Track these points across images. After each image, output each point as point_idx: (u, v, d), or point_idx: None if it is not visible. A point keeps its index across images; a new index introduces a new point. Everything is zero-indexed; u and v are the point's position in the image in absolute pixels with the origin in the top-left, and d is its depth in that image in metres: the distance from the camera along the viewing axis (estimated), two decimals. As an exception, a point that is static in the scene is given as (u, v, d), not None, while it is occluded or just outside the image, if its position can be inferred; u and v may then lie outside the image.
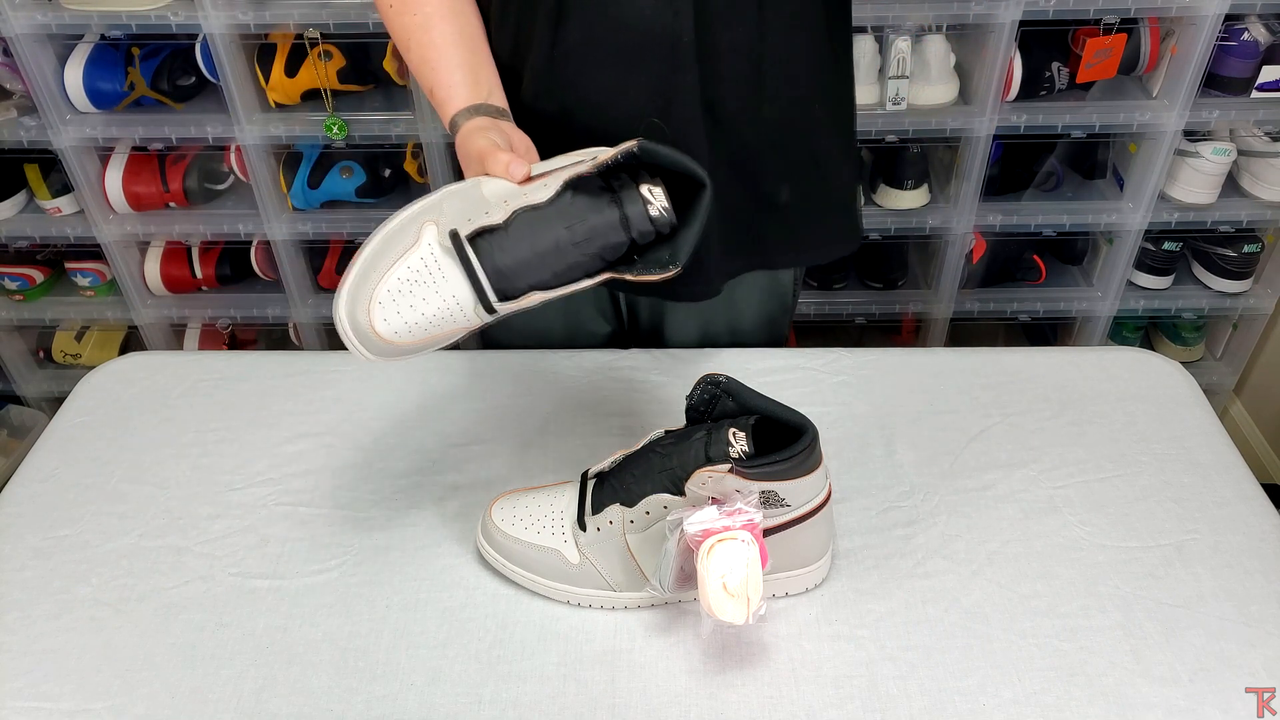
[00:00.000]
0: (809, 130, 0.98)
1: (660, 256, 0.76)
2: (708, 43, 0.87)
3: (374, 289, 0.72)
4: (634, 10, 0.85)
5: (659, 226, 0.75)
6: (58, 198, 1.83)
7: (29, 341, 2.08)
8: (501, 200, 0.75)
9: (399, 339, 0.73)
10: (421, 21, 0.89)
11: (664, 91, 0.89)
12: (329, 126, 1.66)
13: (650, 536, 0.80)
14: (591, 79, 0.90)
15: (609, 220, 0.75)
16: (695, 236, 0.76)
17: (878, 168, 1.82)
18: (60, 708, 0.78)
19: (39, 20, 1.57)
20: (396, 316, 0.73)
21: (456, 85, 0.87)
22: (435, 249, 0.73)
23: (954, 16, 1.59)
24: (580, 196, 0.75)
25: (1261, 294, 1.91)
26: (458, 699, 0.78)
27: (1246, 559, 0.88)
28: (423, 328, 0.74)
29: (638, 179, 0.76)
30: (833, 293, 1.96)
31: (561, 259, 0.75)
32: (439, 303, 0.73)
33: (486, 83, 0.89)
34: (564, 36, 0.88)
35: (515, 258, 0.74)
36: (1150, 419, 1.03)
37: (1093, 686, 0.78)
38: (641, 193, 0.75)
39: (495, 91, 0.89)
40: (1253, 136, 1.76)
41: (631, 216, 0.75)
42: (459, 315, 0.75)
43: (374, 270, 0.73)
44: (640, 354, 1.12)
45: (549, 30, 0.89)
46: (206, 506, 0.95)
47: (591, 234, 0.75)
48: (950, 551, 0.89)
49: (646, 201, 0.74)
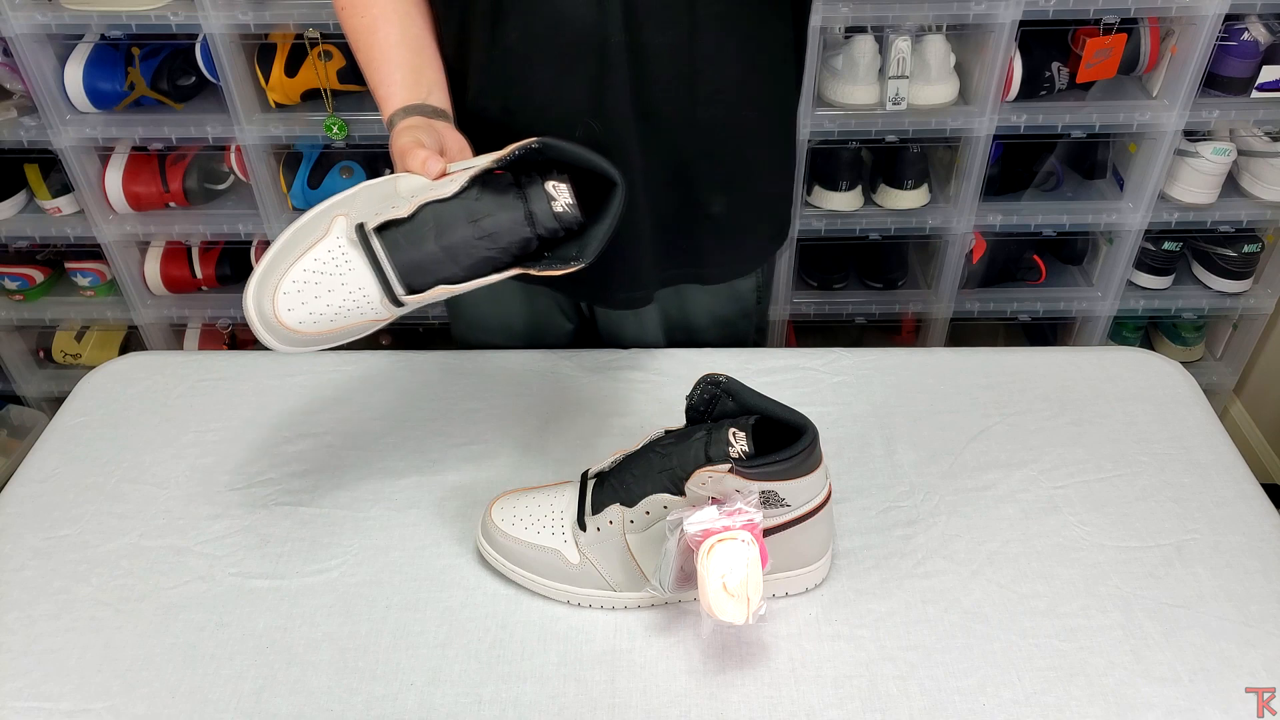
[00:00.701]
0: (744, 137, 0.98)
1: (568, 253, 0.77)
2: (639, 43, 0.88)
3: (280, 279, 0.74)
4: (566, 10, 0.86)
5: (563, 223, 0.77)
6: (58, 198, 1.83)
7: (29, 341, 2.08)
8: (412, 193, 0.76)
9: (304, 328, 0.74)
10: (369, 24, 0.91)
11: (597, 92, 0.90)
12: (329, 126, 1.66)
13: (650, 536, 0.80)
14: (530, 78, 0.91)
15: (514, 216, 0.76)
16: (605, 233, 0.77)
17: (878, 168, 1.82)
18: (60, 708, 0.78)
19: (39, 20, 1.57)
20: (301, 306, 0.74)
21: (396, 85, 0.89)
22: (343, 241, 0.75)
23: (954, 16, 1.59)
24: (486, 192, 0.76)
25: (1261, 294, 1.91)
26: (458, 699, 0.78)
27: (1246, 559, 0.88)
28: (328, 318, 0.75)
29: (547, 176, 0.77)
30: (833, 293, 1.96)
31: (466, 253, 0.76)
32: (345, 294, 0.74)
33: (427, 83, 0.90)
34: (502, 36, 0.89)
35: (421, 251, 0.75)
36: (1150, 419, 1.03)
37: (1093, 686, 0.78)
38: (546, 189, 0.76)
39: (436, 91, 0.91)
40: (1253, 136, 1.76)
41: (536, 213, 0.76)
42: (366, 307, 0.76)
43: (283, 261, 0.74)
44: (640, 354, 1.12)
45: (487, 30, 0.90)
46: (206, 506, 0.95)
47: (496, 228, 0.76)
48: (950, 551, 0.89)
49: (551, 198, 0.76)
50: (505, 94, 0.94)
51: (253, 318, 0.74)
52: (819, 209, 1.81)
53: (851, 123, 1.68)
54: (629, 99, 0.91)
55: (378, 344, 2.08)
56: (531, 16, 0.88)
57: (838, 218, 1.81)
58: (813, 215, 1.81)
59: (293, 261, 0.74)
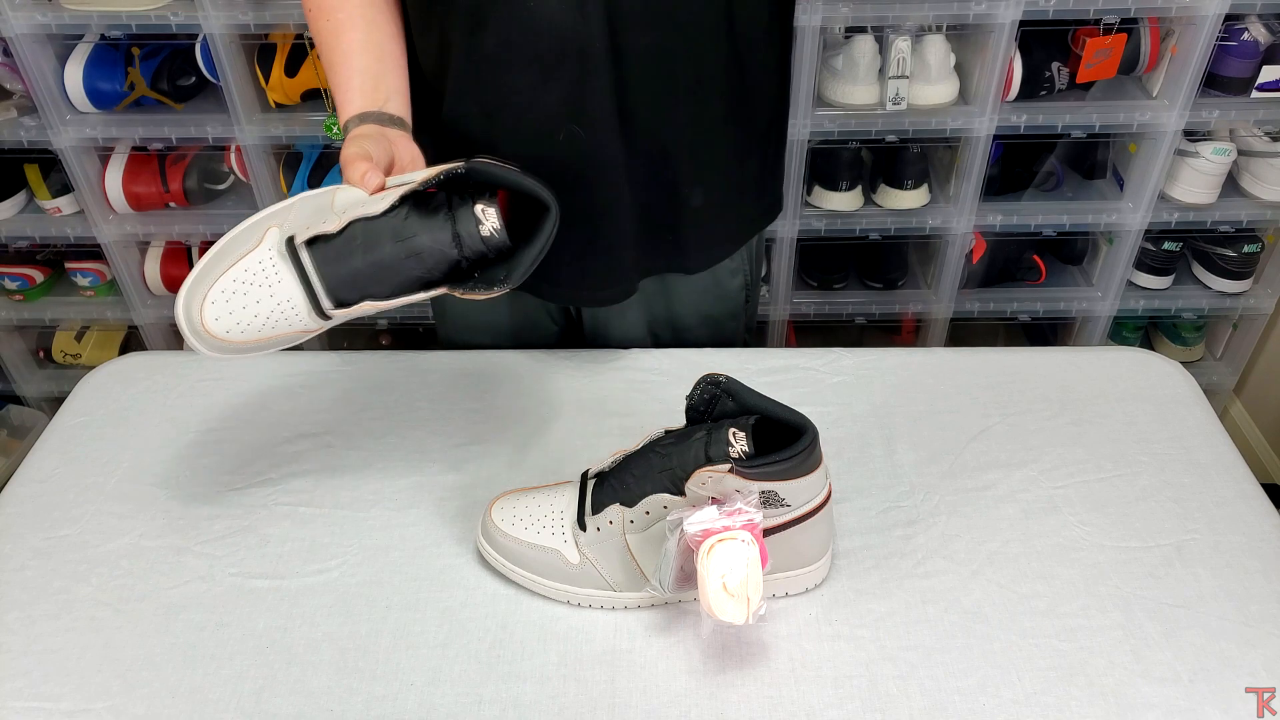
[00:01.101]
0: (726, 125, 0.99)
1: (498, 274, 0.78)
2: (619, 46, 0.88)
3: (209, 288, 0.75)
4: (546, 16, 0.86)
5: (490, 246, 0.77)
6: (58, 198, 1.83)
7: (29, 341, 2.08)
8: (343, 209, 0.77)
9: (230, 337, 0.76)
10: (333, 28, 0.91)
11: (578, 95, 0.91)
12: (329, 126, 1.66)
13: (650, 536, 0.80)
14: (509, 83, 0.91)
15: (440, 237, 0.76)
16: (533, 258, 0.77)
17: (878, 168, 1.82)
18: (60, 708, 0.78)
19: (39, 20, 1.57)
20: (229, 316, 0.75)
21: (353, 91, 0.89)
22: (273, 253, 0.76)
23: (954, 16, 1.59)
24: (415, 211, 0.77)
25: (1261, 294, 1.91)
26: (458, 699, 0.78)
27: (1246, 559, 0.88)
28: (255, 328, 0.76)
29: (479, 197, 0.77)
30: (833, 293, 1.96)
31: (393, 270, 0.77)
32: (272, 305, 0.76)
33: (386, 89, 0.90)
34: (481, 42, 0.90)
35: (348, 267, 0.76)
36: (1150, 419, 1.03)
37: (1093, 686, 0.78)
38: (475, 212, 0.76)
39: (394, 99, 0.91)
40: (1253, 136, 1.76)
41: (463, 235, 0.76)
42: (294, 318, 0.77)
43: (214, 270, 0.76)
44: (640, 354, 1.12)
45: (467, 36, 0.90)
46: (206, 506, 0.95)
47: (422, 248, 0.76)
48: (950, 551, 0.89)
49: (479, 221, 0.76)
50: (484, 100, 0.94)
51: (181, 325, 0.76)
52: (819, 209, 1.81)
53: (851, 123, 1.68)
54: (610, 101, 0.91)
55: (378, 344, 2.08)
56: (511, 24, 0.88)
57: (838, 218, 1.80)
58: (813, 215, 1.81)
59: (223, 271, 0.76)
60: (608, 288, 1.06)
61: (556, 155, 0.93)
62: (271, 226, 0.77)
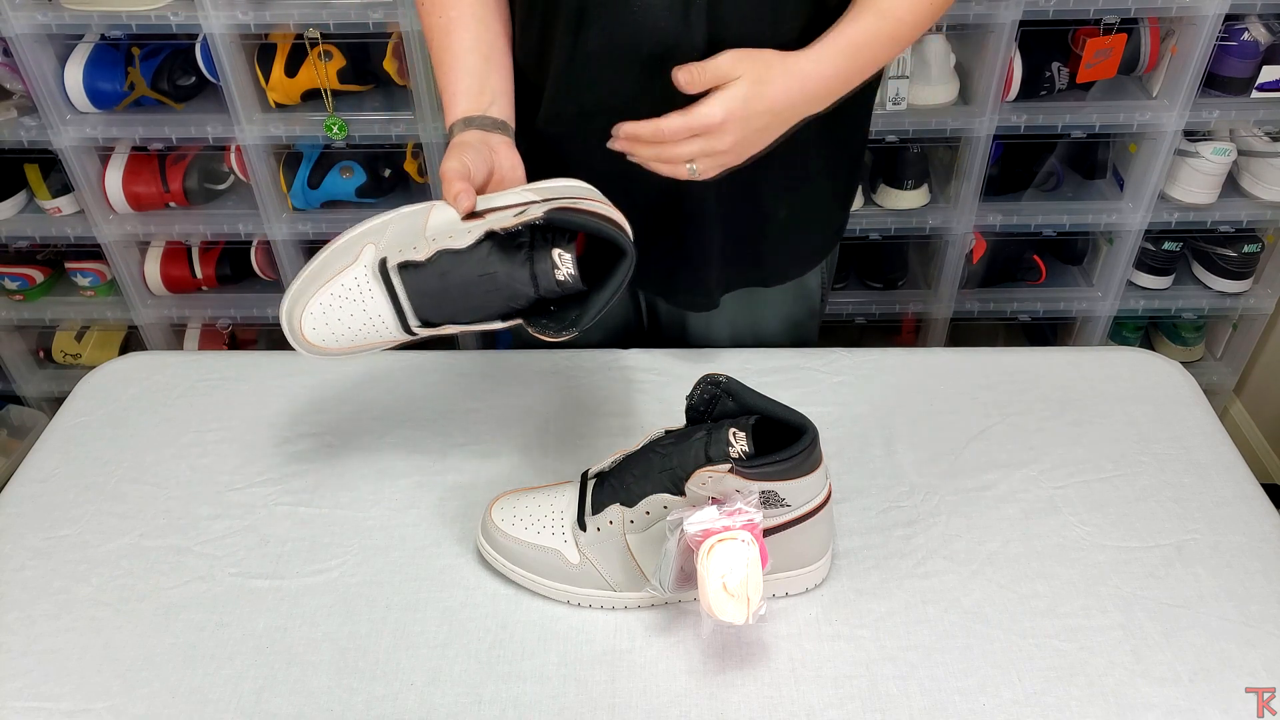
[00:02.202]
0: (816, 140, 0.98)
1: (569, 314, 0.81)
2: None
3: (309, 301, 0.81)
4: (650, 19, 0.86)
5: (564, 289, 0.80)
6: (58, 198, 1.83)
7: (29, 341, 2.08)
8: (433, 236, 0.81)
9: (326, 345, 0.83)
10: (444, 25, 0.91)
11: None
12: (329, 126, 1.66)
13: (650, 536, 0.80)
14: (609, 84, 0.91)
15: (518, 275, 0.80)
16: (603, 304, 0.80)
17: (878, 168, 1.82)
18: (60, 708, 0.79)
19: (39, 20, 1.57)
20: (325, 327, 0.82)
21: (459, 94, 0.90)
22: (367, 273, 0.81)
23: (954, 16, 1.59)
24: (497, 248, 0.80)
25: (1261, 294, 1.91)
26: (458, 699, 0.78)
27: (1246, 559, 0.88)
28: (349, 339, 0.82)
29: (557, 240, 0.80)
30: (833, 293, 1.94)
31: (475, 300, 0.81)
32: (365, 319, 0.81)
33: (491, 92, 0.90)
34: (584, 42, 0.89)
35: (433, 293, 0.81)
36: (1150, 419, 1.03)
37: (1093, 686, 0.78)
38: (552, 256, 0.79)
39: (499, 101, 0.91)
40: (1253, 136, 1.76)
41: (539, 275, 0.79)
42: (384, 331, 0.82)
43: (315, 282, 0.81)
44: (640, 354, 1.12)
45: (570, 36, 0.90)
46: (206, 506, 0.95)
47: (499, 285, 0.80)
48: (950, 551, 0.89)
49: (555, 265, 0.79)
50: (583, 100, 0.93)
51: (286, 330, 0.82)
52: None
53: (851, 123, 1.68)
54: None
55: (378, 344, 2.08)
56: (615, 24, 0.87)
57: (838, 218, 1.80)
58: (813, 215, 1.80)
59: (322, 285, 0.81)
60: (691, 295, 1.07)
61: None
62: (368, 244, 0.81)
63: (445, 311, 0.82)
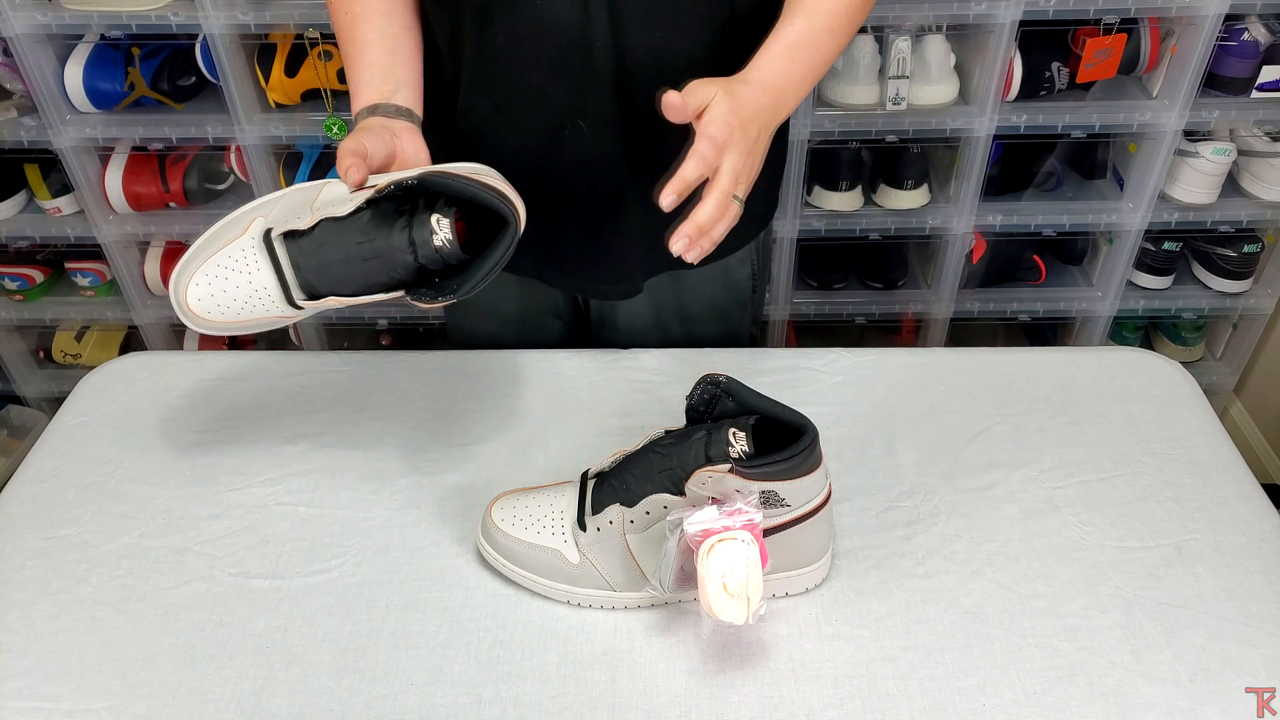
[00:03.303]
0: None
1: (450, 284, 0.81)
2: (623, 45, 0.89)
3: (195, 271, 0.82)
4: (552, 13, 0.88)
5: (444, 256, 0.80)
6: (58, 198, 1.83)
7: (29, 341, 2.08)
8: (319, 207, 0.81)
9: (211, 316, 0.83)
10: (350, 20, 0.93)
11: (582, 91, 0.92)
12: (329, 126, 1.66)
13: (650, 536, 0.80)
14: (517, 78, 0.93)
15: (397, 242, 0.80)
16: (486, 272, 0.80)
17: (878, 168, 1.82)
18: (60, 708, 0.78)
19: (39, 20, 1.57)
20: (210, 298, 0.82)
21: (365, 83, 0.91)
22: (253, 243, 0.81)
23: (954, 16, 1.59)
24: (377, 216, 0.81)
25: (1261, 294, 1.91)
26: (458, 699, 0.78)
27: (1246, 559, 0.88)
28: (234, 310, 0.83)
29: (436, 208, 0.80)
30: (833, 293, 1.96)
31: (356, 269, 0.81)
32: (250, 290, 0.82)
33: (395, 80, 0.92)
34: (490, 37, 0.91)
35: (316, 262, 0.82)
36: (1150, 419, 1.03)
37: (1093, 686, 0.78)
38: (430, 222, 0.79)
39: (404, 90, 0.92)
40: (1253, 136, 1.76)
41: (418, 242, 0.79)
42: (269, 304, 0.83)
43: (201, 253, 0.82)
44: (640, 354, 1.12)
45: (476, 32, 0.91)
46: (206, 506, 0.95)
47: (378, 253, 0.80)
48: (950, 551, 0.89)
49: (433, 231, 0.79)
50: (493, 93, 0.95)
51: (172, 301, 0.83)
52: (819, 209, 1.81)
53: (851, 123, 1.68)
54: (612, 98, 0.92)
55: (378, 344, 2.08)
56: (519, 19, 0.89)
57: (838, 218, 1.80)
58: (813, 215, 1.81)
59: (209, 256, 0.82)
60: (613, 283, 1.08)
61: (562, 151, 0.95)
62: (257, 217, 0.83)
63: (328, 282, 0.82)
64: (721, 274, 1.13)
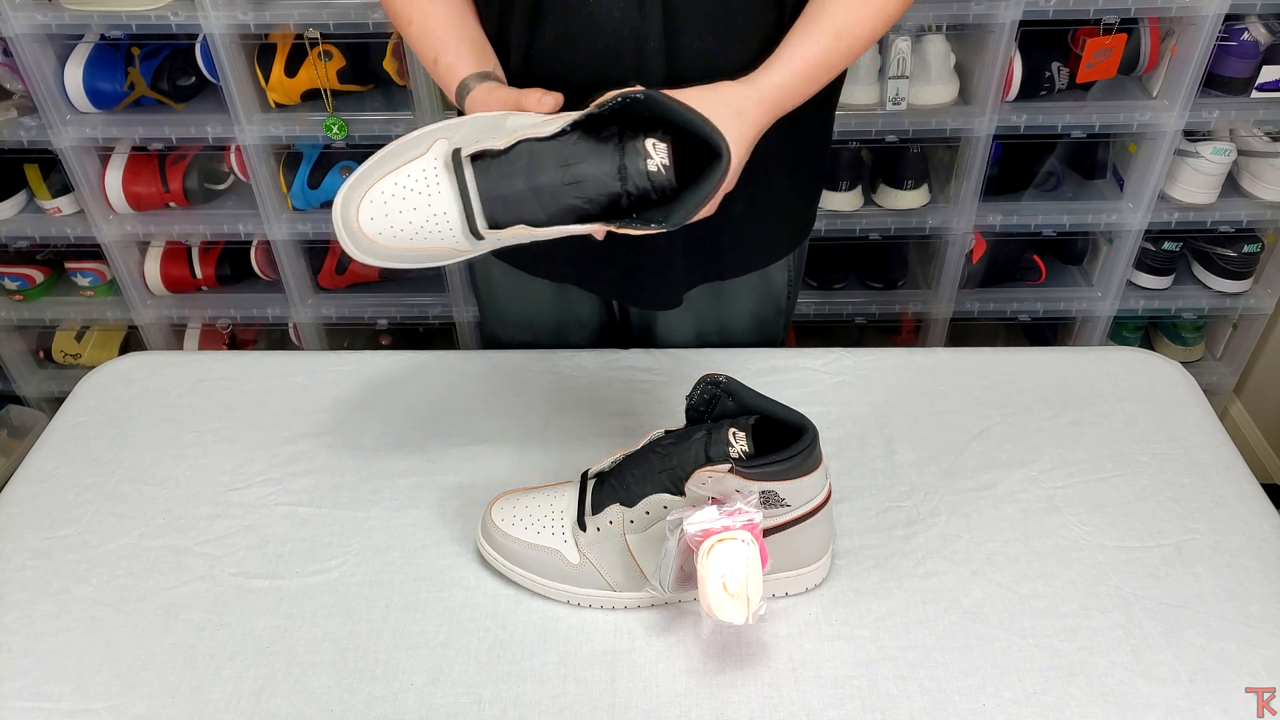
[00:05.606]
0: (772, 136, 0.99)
1: (654, 216, 0.75)
2: (675, 48, 0.89)
3: (369, 187, 0.74)
4: (604, 12, 0.87)
5: (655, 183, 0.75)
6: (58, 198, 1.83)
7: (29, 341, 2.08)
8: (514, 128, 0.76)
9: (382, 240, 0.75)
10: (421, 15, 0.92)
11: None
12: (329, 126, 1.66)
13: (650, 536, 0.80)
14: (565, 78, 0.92)
15: (606, 167, 0.74)
16: (697, 202, 0.74)
17: (878, 168, 1.82)
18: (60, 708, 0.79)
19: (39, 20, 1.57)
20: (384, 219, 0.74)
21: (465, 54, 0.90)
22: (437, 164, 0.75)
23: (954, 16, 1.59)
24: (585, 139, 0.75)
25: (1261, 294, 1.91)
26: (458, 699, 0.78)
27: (1246, 559, 0.88)
28: (408, 235, 0.75)
29: (650, 134, 0.75)
30: (833, 293, 1.96)
31: (553, 196, 0.75)
32: (429, 214, 0.75)
33: (492, 58, 0.92)
34: (540, 36, 0.90)
35: (509, 186, 0.75)
36: (1150, 419, 1.03)
37: (1093, 686, 0.78)
38: (644, 146, 0.74)
39: (499, 68, 0.92)
40: (1253, 136, 1.76)
41: (629, 167, 0.74)
42: (446, 232, 0.75)
43: (376, 171, 0.75)
44: (640, 354, 1.12)
45: (526, 30, 0.91)
46: (206, 506, 0.95)
47: (585, 177, 0.75)
48: (950, 551, 0.89)
49: (647, 155, 0.74)
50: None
51: (337, 222, 0.75)
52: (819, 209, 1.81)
53: (851, 123, 1.68)
54: None
55: (378, 344, 2.08)
56: (570, 19, 0.88)
57: (838, 218, 1.80)
58: (813, 215, 1.81)
59: (385, 174, 0.74)
60: (655, 292, 1.07)
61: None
62: (440, 138, 0.76)
63: (516, 210, 0.75)
64: (761, 281, 1.13)
